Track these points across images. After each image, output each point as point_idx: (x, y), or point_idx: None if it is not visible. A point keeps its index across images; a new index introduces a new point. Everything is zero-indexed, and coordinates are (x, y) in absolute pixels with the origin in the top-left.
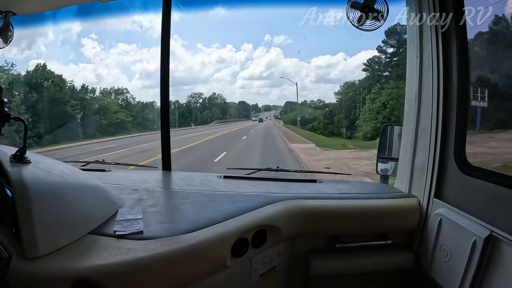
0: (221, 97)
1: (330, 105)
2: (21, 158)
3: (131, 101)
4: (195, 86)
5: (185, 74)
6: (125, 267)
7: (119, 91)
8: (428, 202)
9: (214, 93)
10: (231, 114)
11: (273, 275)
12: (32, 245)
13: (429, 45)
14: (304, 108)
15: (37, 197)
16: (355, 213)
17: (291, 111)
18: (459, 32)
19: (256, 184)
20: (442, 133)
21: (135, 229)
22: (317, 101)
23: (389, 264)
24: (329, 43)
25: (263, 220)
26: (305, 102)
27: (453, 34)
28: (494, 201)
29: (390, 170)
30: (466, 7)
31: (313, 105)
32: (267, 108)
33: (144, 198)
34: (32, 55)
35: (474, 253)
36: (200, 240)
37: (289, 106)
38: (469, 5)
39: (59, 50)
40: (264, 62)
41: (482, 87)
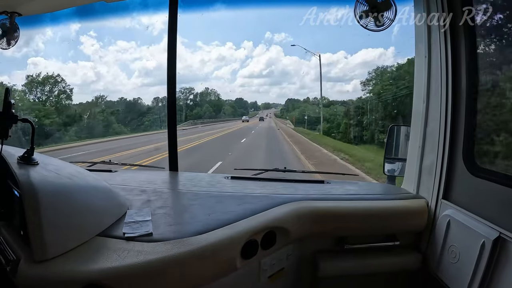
0: (215, 93)
1: (349, 103)
2: (29, 160)
3: (66, 96)
4: (195, 84)
5: (184, 72)
6: (135, 269)
7: (49, 80)
8: (436, 203)
9: (207, 89)
10: (226, 112)
11: (281, 277)
12: (40, 248)
13: (437, 45)
14: (309, 106)
15: (45, 199)
16: (363, 214)
17: (293, 108)
18: (467, 31)
19: (263, 185)
20: (451, 134)
21: (144, 231)
22: (321, 98)
23: (397, 265)
24: (329, 41)
25: (272, 222)
26: (307, 99)
27: (461, 34)
28: (503, 202)
29: (397, 171)
30: (475, 6)
31: (316, 102)
32: (266, 106)
33: (152, 200)
34: (31, 53)
35: (483, 254)
36: (210, 242)
37: (291, 103)
38: (478, 4)
39: (57, 47)
40: (264, 60)
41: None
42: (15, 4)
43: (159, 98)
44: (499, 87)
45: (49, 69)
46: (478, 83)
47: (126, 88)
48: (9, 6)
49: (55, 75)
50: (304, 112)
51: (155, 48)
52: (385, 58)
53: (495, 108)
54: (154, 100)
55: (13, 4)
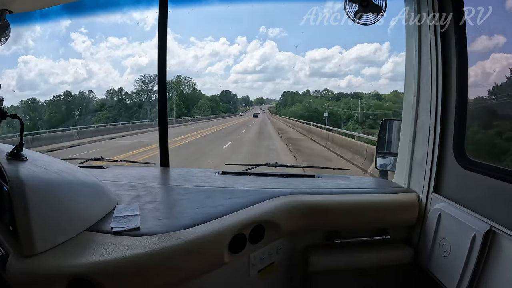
0: (189, 83)
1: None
2: (18, 156)
3: None
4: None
5: (177, 68)
6: (122, 263)
7: None
8: (427, 196)
9: (179, 76)
10: (201, 108)
11: (271, 271)
12: (29, 243)
13: (427, 39)
14: (315, 99)
15: (33, 194)
16: (354, 208)
17: (293, 102)
18: (458, 31)
19: (254, 179)
20: (441, 127)
21: (132, 226)
22: (324, 91)
23: (388, 259)
24: (325, 36)
25: (261, 216)
26: (307, 92)
27: (452, 33)
28: (493, 195)
29: (389, 165)
30: (466, 7)
31: (322, 95)
32: (260, 101)
33: (142, 195)
34: (20, 51)
35: (474, 248)
36: (197, 236)
37: (290, 96)
38: (468, 5)
39: (48, 45)
40: (258, 56)
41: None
42: (6, 2)
43: (115, 91)
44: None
45: (40, 67)
46: (467, 77)
47: (118, 85)
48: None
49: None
50: (308, 106)
51: (147, 44)
52: (380, 53)
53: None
54: (108, 93)
55: (4, 1)
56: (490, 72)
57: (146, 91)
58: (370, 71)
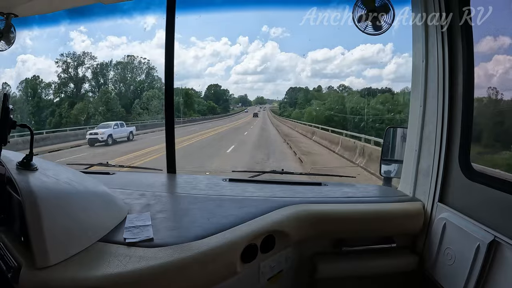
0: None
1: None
2: (28, 165)
3: None
4: (188, 81)
5: (177, 69)
6: (137, 275)
7: None
8: (432, 206)
9: (152, 67)
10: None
11: (280, 279)
12: (42, 255)
13: (434, 48)
14: (347, 97)
15: (46, 205)
16: (360, 217)
17: (307, 101)
18: (464, 33)
19: (261, 187)
20: (447, 137)
21: (145, 237)
22: (340, 86)
23: (394, 267)
24: (327, 36)
25: (271, 225)
26: (320, 88)
27: (458, 35)
28: (497, 206)
29: (393, 172)
30: (472, 7)
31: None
32: (260, 100)
33: (152, 204)
34: (18, 50)
35: (478, 257)
36: (211, 247)
37: (303, 93)
38: (475, 5)
39: (47, 44)
40: (259, 56)
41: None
42: (11, 5)
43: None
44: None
45: (38, 66)
46: (474, 87)
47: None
48: (5, 7)
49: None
50: (330, 104)
51: (147, 44)
52: (383, 54)
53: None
54: (20, 85)
55: (9, 5)
56: (497, 84)
57: (73, 80)
58: (372, 72)
